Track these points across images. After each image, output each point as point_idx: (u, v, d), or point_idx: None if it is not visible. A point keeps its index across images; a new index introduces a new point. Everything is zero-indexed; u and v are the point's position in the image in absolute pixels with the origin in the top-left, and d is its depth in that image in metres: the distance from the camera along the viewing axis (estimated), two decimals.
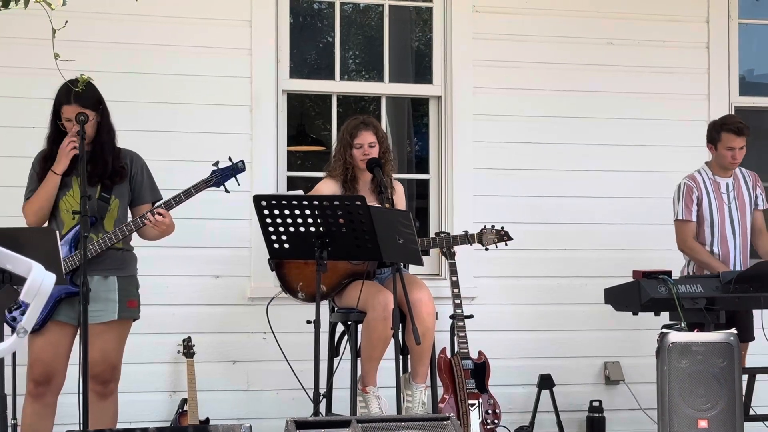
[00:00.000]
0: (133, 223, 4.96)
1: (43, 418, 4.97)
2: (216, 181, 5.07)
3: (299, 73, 6.79)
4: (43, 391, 4.92)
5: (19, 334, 2.62)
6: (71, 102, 4.94)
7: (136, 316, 5.12)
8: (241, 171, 5.12)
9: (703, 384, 5.16)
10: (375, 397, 5.49)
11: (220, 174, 5.08)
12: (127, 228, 4.95)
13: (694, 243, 6.17)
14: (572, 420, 6.71)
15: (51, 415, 5.00)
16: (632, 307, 5.72)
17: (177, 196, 5.00)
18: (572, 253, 6.84)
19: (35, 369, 4.89)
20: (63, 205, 4.99)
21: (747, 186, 6.31)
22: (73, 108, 4.94)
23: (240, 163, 5.12)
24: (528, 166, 6.81)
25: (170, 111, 6.32)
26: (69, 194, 4.99)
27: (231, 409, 6.27)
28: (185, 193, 5.02)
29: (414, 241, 4.98)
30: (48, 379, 4.91)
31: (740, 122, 6.18)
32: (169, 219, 4.99)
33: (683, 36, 7.06)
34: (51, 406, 4.99)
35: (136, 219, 4.98)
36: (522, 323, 6.74)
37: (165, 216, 4.96)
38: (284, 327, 5.76)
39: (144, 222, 4.94)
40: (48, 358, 4.87)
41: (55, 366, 4.92)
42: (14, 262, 2.67)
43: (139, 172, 5.14)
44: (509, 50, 6.80)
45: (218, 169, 5.08)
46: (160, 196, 5.19)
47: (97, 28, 6.16)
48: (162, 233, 5.04)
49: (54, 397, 4.98)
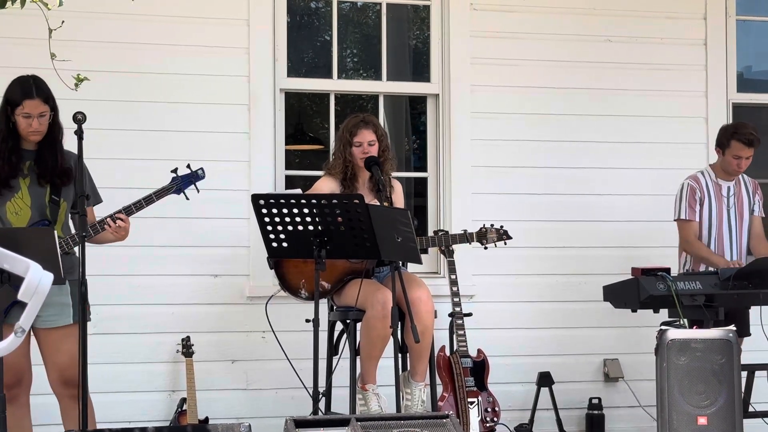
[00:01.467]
0: (92, 227, 4.85)
1: (23, 419, 4.95)
2: (177, 188, 5.02)
3: (297, 71, 6.79)
4: (16, 393, 4.87)
5: (17, 334, 2.62)
6: (34, 96, 4.82)
7: (89, 318, 5.05)
8: (201, 179, 5.07)
9: (702, 381, 5.16)
10: (374, 395, 5.49)
11: (180, 181, 5.03)
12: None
13: (697, 241, 6.18)
14: (572, 417, 6.71)
15: (28, 414, 5.00)
16: (631, 304, 5.73)
17: (137, 202, 4.93)
18: (571, 250, 6.84)
19: (5, 374, 4.79)
20: (10, 207, 4.86)
21: (747, 191, 6.33)
22: (35, 103, 4.82)
23: (200, 171, 5.08)
24: (526, 164, 6.81)
25: (167, 110, 6.31)
26: (17, 196, 4.87)
27: (230, 408, 6.27)
28: (146, 199, 4.94)
29: (413, 240, 4.97)
30: (18, 380, 4.88)
31: (752, 133, 6.16)
32: (129, 225, 4.91)
33: (681, 33, 7.06)
34: (26, 405, 4.98)
35: (95, 224, 4.86)
36: (521, 321, 6.74)
37: (126, 221, 4.89)
38: (283, 326, 5.75)
39: (104, 227, 4.86)
40: (14, 361, 4.74)
41: (21, 367, 4.86)
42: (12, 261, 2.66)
43: (84, 174, 4.97)
44: (507, 48, 6.80)
45: (178, 176, 5.03)
46: (101, 199, 5.11)
47: (93, 28, 6.15)
48: (117, 239, 4.95)
49: (27, 396, 4.97)
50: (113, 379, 5.94)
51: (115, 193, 5.32)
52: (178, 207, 5.31)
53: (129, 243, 5.12)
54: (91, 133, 4.91)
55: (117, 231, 4.88)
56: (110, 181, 5.46)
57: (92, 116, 4.91)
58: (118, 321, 6.04)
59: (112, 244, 5.12)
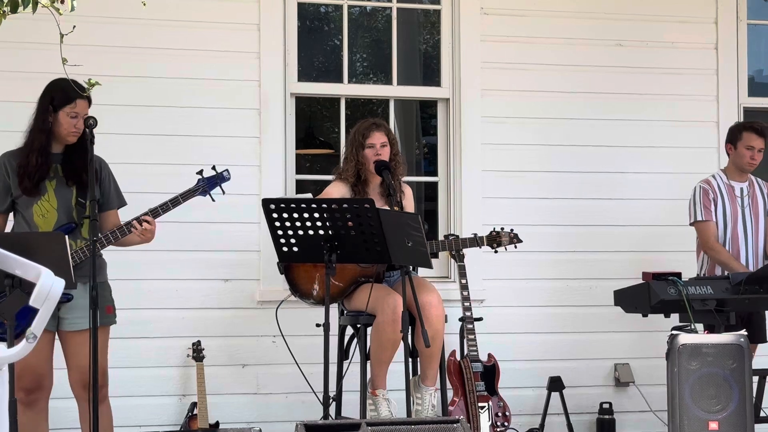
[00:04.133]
0: (119, 230, 4.90)
1: (40, 424, 4.97)
2: (202, 190, 5.05)
3: (307, 76, 6.79)
4: (35, 398, 4.91)
5: (28, 339, 2.63)
6: (84, 97, 4.90)
7: (113, 322, 5.07)
8: (226, 180, 5.10)
9: (713, 385, 5.15)
10: (384, 400, 5.48)
11: (206, 183, 5.06)
12: (113, 235, 4.89)
13: (717, 244, 6.15)
14: (582, 422, 6.70)
15: (46, 419, 5.01)
16: (642, 308, 5.71)
17: (164, 204, 4.97)
18: (581, 254, 6.83)
19: (25, 378, 4.82)
20: (37, 210, 4.92)
21: (762, 193, 6.31)
22: (85, 104, 4.92)
23: (225, 172, 5.11)
24: (536, 168, 6.81)
25: (178, 115, 6.32)
26: (44, 199, 4.93)
27: (241, 413, 6.27)
28: (172, 202, 4.98)
29: (423, 244, 4.97)
30: (39, 385, 4.91)
31: (762, 123, 6.21)
32: (155, 227, 4.95)
33: (692, 37, 7.05)
34: (44, 411, 4.99)
35: (122, 227, 4.91)
36: (531, 325, 6.73)
37: (152, 224, 4.92)
38: (293, 330, 5.76)
39: (131, 230, 4.90)
40: (35, 365, 4.82)
41: (42, 371, 4.90)
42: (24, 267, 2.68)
43: (107, 178, 5.08)
44: (517, 52, 6.80)
45: (203, 178, 5.07)
46: (125, 202, 5.16)
47: (105, 33, 6.16)
48: (143, 241, 4.99)
49: (46, 401, 4.99)
50: (124, 383, 5.94)
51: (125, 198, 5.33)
52: (189, 211, 5.31)
53: (140, 248, 5.14)
54: (101, 138, 4.93)
55: (143, 233, 4.92)
56: (121, 186, 5.45)
57: (103, 121, 4.92)
58: (129, 325, 6.04)
59: (124, 249, 5.14)
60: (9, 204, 4.99)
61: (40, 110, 4.97)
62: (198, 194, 5.05)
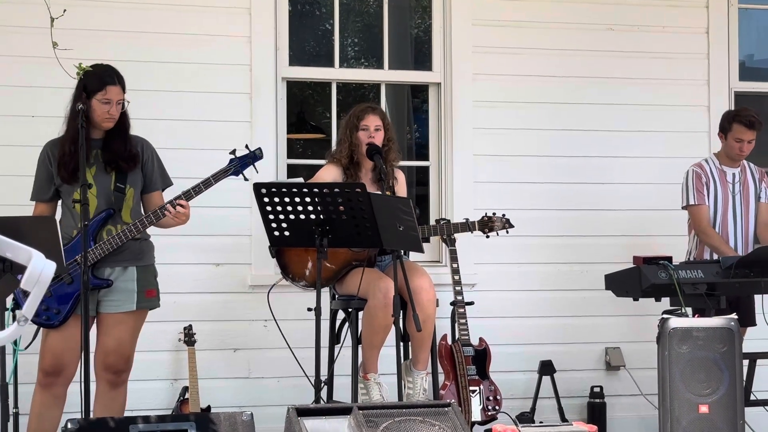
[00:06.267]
0: (153, 214, 4.94)
1: (51, 408, 4.97)
2: (234, 170, 5.07)
3: (299, 60, 6.78)
4: (52, 381, 4.93)
5: (19, 323, 2.62)
6: (116, 83, 4.94)
7: (155, 305, 5.14)
8: (259, 158, 5.14)
9: (703, 369, 5.16)
10: (376, 384, 5.49)
11: (238, 162, 5.09)
12: (147, 219, 4.93)
13: (709, 228, 6.17)
14: (573, 406, 6.72)
15: (60, 405, 5.02)
16: (633, 292, 5.73)
17: (196, 186, 5.00)
18: (572, 239, 6.84)
19: (46, 360, 4.89)
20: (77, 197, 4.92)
21: (754, 179, 6.32)
22: (117, 90, 4.95)
23: (258, 151, 5.14)
24: (528, 153, 6.81)
25: (169, 99, 6.31)
26: None
27: (232, 397, 6.28)
28: (204, 183, 5.01)
29: (414, 228, 4.98)
30: (58, 371, 4.92)
31: (753, 116, 6.16)
32: (189, 210, 4.98)
33: (683, 21, 7.05)
34: (60, 397, 5.00)
35: (156, 210, 4.94)
36: (523, 310, 6.74)
37: (186, 207, 4.95)
38: (285, 314, 5.76)
39: (164, 213, 4.93)
40: (58, 350, 4.87)
41: (65, 358, 4.91)
42: (14, 250, 2.67)
43: (150, 159, 5.11)
44: (509, 36, 6.79)
45: (236, 158, 5.09)
46: (171, 182, 5.20)
47: (95, 17, 6.14)
48: (177, 224, 5.05)
49: (64, 388, 4.99)
50: None
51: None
52: None
53: None
54: None
55: (177, 216, 4.95)
56: None
57: None
58: None
59: None
60: (53, 192, 5.02)
61: (74, 98, 4.98)
62: (230, 174, 5.06)
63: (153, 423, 4.30)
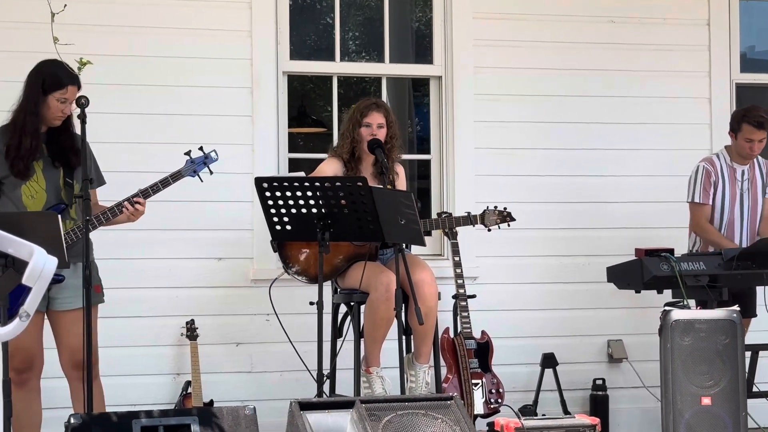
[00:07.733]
0: (110, 211, 4.88)
1: (32, 403, 4.98)
2: (191, 171, 5.05)
3: (299, 54, 6.77)
4: (27, 377, 4.91)
5: (21, 318, 2.62)
6: (76, 84, 4.89)
7: (102, 300, 5.05)
8: (214, 161, 5.08)
9: (706, 361, 5.16)
10: (378, 377, 5.49)
11: (194, 164, 5.05)
12: (104, 216, 4.87)
13: (707, 225, 6.16)
14: (576, 398, 6.72)
15: (38, 398, 5.03)
16: (635, 285, 5.73)
17: (154, 185, 4.95)
18: (574, 231, 6.84)
19: (17, 358, 4.78)
20: (26, 191, 4.89)
21: (762, 174, 6.30)
22: (75, 90, 4.89)
23: (213, 153, 5.09)
24: (529, 146, 6.80)
25: (170, 94, 6.31)
26: (33, 180, 4.89)
27: (235, 391, 6.28)
28: (162, 182, 4.96)
29: (416, 222, 4.97)
30: (29, 366, 4.91)
31: (763, 116, 6.12)
32: (145, 208, 4.94)
33: (684, 13, 7.04)
34: (36, 390, 5.00)
35: (113, 207, 4.89)
36: (525, 302, 6.75)
37: (143, 205, 4.92)
38: (287, 308, 5.76)
39: (121, 210, 4.88)
40: (26, 345, 4.81)
41: (33, 351, 4.90)
42: (16, 246, 2.67)
43: (90, 156, 5.01)
44: (510, 29, 6.78)
45: (191, 159, 5.06)
46: (104, 181, 5.13)
47: (96, 12, 6.14)
48: (130, 221, 4.98)
49: (37, 380, 4.99)
50: (118, 362, 5.93)
51: (117, 177, 5.32)
52: (182, 191, 5.30)
53: (133, 226, 5.14)
54: (93, 117, 4.91)
55: (134, 214, 4.92)
56: (113, 165, 5.45)
57: (95, 100, 4.90)
58: (123, 304, 6.04)
59: (117, 228, 5.14)
60: None
61: (30, 92, 4.92)
62: (187, 175, 5.05)
63: (156, 417, 4.30)
